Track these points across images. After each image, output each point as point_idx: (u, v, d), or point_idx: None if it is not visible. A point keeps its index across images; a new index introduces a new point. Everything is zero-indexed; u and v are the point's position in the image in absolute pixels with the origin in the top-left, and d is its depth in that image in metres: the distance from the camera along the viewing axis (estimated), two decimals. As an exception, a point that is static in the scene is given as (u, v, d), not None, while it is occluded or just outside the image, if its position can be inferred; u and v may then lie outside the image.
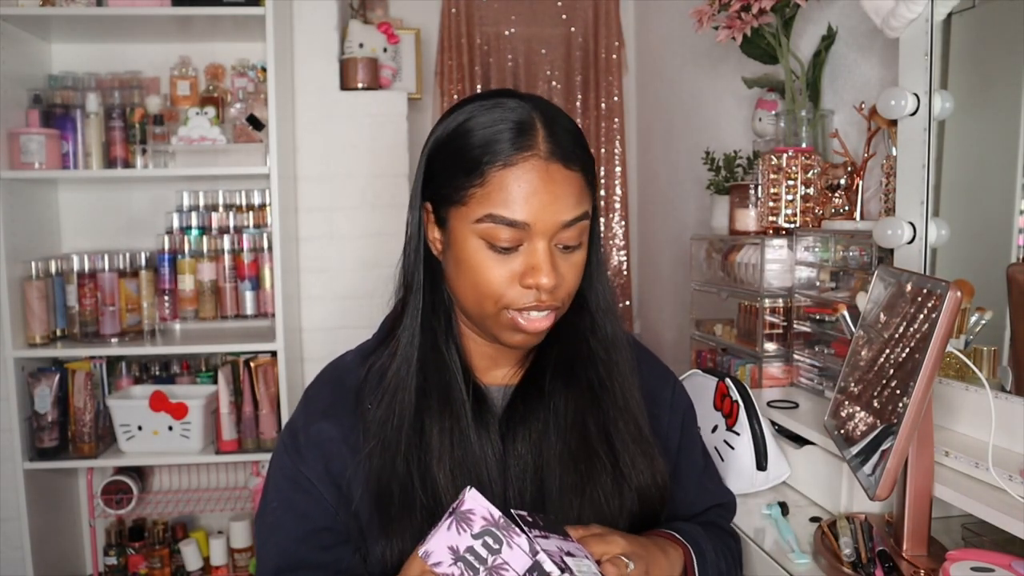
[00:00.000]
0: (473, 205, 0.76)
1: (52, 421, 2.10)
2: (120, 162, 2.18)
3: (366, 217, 2.43)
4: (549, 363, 0.86)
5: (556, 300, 0.79)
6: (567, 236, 0.77)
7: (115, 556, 2.34)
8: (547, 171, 0.75)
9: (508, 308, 0.78)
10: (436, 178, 0.80)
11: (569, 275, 0.79)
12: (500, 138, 0.75)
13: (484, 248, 0.76)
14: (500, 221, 0.74)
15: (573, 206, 0.76)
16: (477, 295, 0.78)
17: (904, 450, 0.82)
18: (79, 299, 2.16)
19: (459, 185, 0.76)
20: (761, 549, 1.03)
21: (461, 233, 0.77)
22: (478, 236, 0.76)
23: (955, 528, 1.03)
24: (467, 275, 0.78)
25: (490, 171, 0.75)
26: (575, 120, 1.00)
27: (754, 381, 1.57)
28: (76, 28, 2.20)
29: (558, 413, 0.84)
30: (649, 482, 0.86)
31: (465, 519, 0.66)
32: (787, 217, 1.54)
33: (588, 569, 0.69)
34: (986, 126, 1.15)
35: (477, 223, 0.75)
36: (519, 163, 0.74)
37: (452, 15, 2.89)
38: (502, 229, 0.75)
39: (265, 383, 2.18)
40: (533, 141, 0.75)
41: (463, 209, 0.77)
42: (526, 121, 0.76)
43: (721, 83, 2.19)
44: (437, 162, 0.80)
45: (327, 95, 2.39)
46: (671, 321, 2.68)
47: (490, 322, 0.80)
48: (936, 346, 0.79)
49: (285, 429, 0.88)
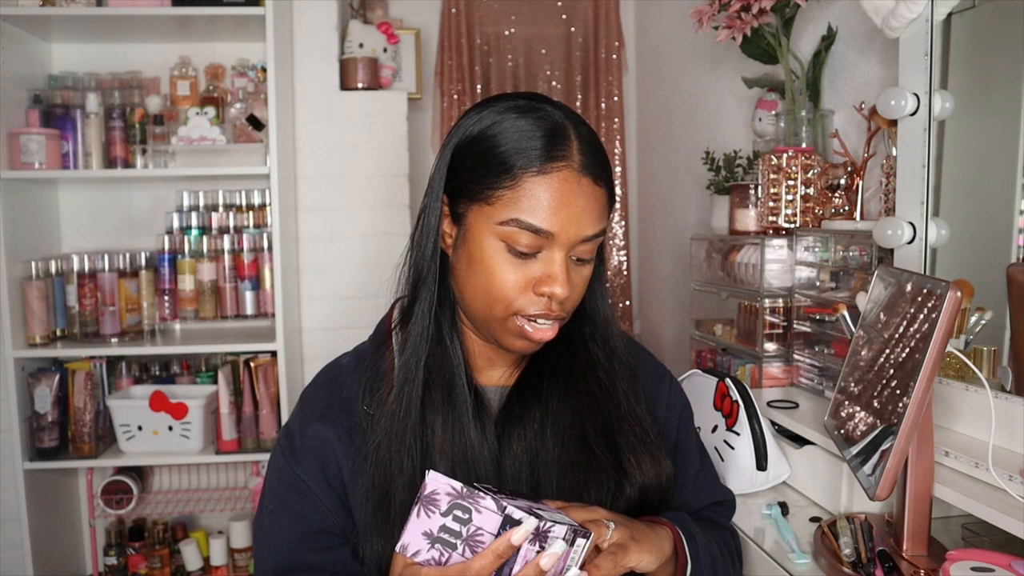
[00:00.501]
0: (500, 207, 0.75)
1: (52, 421, 2.10)
2: (120, 162, 2.18)
3: (366, 217, 2.43)
4: (547, 367, 0.87)
5: (564, 311, 0.79)
6: (584, 249, 0.78)
7: (115, 556, 2.34)
8: (579, 184, 0.75)
9: (517, 314, 0.78)
10: (461, 173, 0.79)
11: (579, 287, 0.80)
12: (535, 144, 0.75)
13: (503, 250, 0.76)
14: (526, 227, 0.74)
15: (596, 221, 0.77)
16: (488, 297, 0.78)
17: (904, 450, 0.82)
18: (79, 299, 2.16)
19: (488, 184, 0.76)
20: (761, 549, 1.03)
21: (480, 232, 0.77)
22: (499, 238, 0.76)
23: (955, 528, 1.03)
24: (480, 275, 0.78)
25: (523, 175, 0.74)
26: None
27: (754, 381, 1.57)
28: (76, 28, 2.20)
29: (555, 416, 0.84)
30: (654, 483, 0.86)
31: (431, 502, 0.66)
32: (787, 217, 1.54)
33: (562, 519, 0.69)
34: (986, 126, 1.15)
35: (501, 225, 0.75)
36: (553, 172, 0.74)
37: (452, 15, 2.89)
38: (525, 235, 0.75)
39: (265, 383, 2.18)
40: (568, 152, 0.76)
41: (488, 209, 0.76)
42: (561, 130, 0.76)
43: (721, 83, 2.19)
44: (466, 157, 0.79)
45: (327, 95, 2.39)
46: (671, 321, 2.68)
47: (496, 325, 0.80)
48: (936, 346, 0.79)
49: (282, 432, 0.88)
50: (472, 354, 0.87)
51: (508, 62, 2.97)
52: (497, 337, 0.81)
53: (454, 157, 0.80)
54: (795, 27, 1.61)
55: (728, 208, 1.74)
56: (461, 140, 0.80)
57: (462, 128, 0.80)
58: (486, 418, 0.83)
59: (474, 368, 0.87)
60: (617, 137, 2.99)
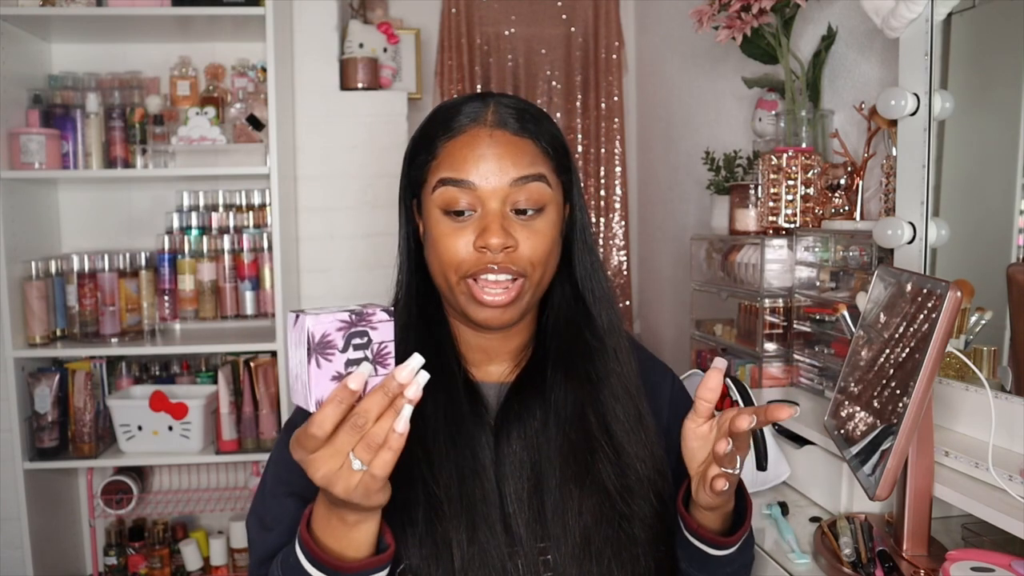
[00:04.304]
0: (430, 178, 0.81)
1: (52, 421, 2.10)
2: (120, 162, 2.18)
3: (366, 217, 2.43)
4: (548, 359, 0.86)
5: (513, 264, 0.79)
6: (520, 199, 0.79)
7: (115, 556, 2.34)
8: (491, 136, 0.79)
9: (466, 277, 0.80)
10: (410, 169, 0.86)
11: (529, 241, 0.79)
12: (450, 116, 0.81)
13: (443, 217, 0.80)
14: (449, 183, 0.79)
15: (519, 166, 0.79)
16: (441, 266, 0.81)
17: (904, 450, 0.82)
18: (79, 299, 2.16)
19: (420, 164, 0.83)
20: (761, 549, 1.03)
21: (427, 209, 0.82)
22: (436, 207, 0.80)
23: (955, 528, 1.03)
24: (433, 248, 0.81)
25: (440, 143, 0.81)
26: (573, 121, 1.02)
27: (754, 381, 1.57)
28: (76, 28, 2.20)
29: (558, 408, 0.84)
30: (649, 461, 0.85)
31: (325, 346, 0.62)
32: (787, 217, 1.54)
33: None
34: (986, 126, 1.15)
35: (434, 192, 0.80)
36: (465, 131, 0.80)
37: (452, 15, 2.89)
38: (450, 191, 0.79)
39: (265, 383, 2.18)
40: (481, 115, 0.81)
41: (426, 187, 0.82)
42: (479, 104, 0.82)
43: (721, 83, 2.19)
44: (409, 154, 0.86)
45: (327, 95, 2.39)
46: (671, 321, 2.68)
47: (455, 295, 0.81)
48: (936, 346, 0.79)
49: (285, 427, 0.88)
50: (466, 347, 0.87)
51: (508, 62, 2.97)
52: (463, 309, 0.82)
53: (405, 159, 0.87)
54: (795, 27, 1.61)
55: (728, 208, 1.74)
56: (408, 144, 0.87)
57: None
58: (484, 414, 0.83)
59: (471, 362, 0.87)
60: (617, 137, 2.99)
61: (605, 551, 0.79)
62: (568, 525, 0.79)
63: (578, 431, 0.83)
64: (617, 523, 0.80)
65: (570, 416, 0.84)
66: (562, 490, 0.80)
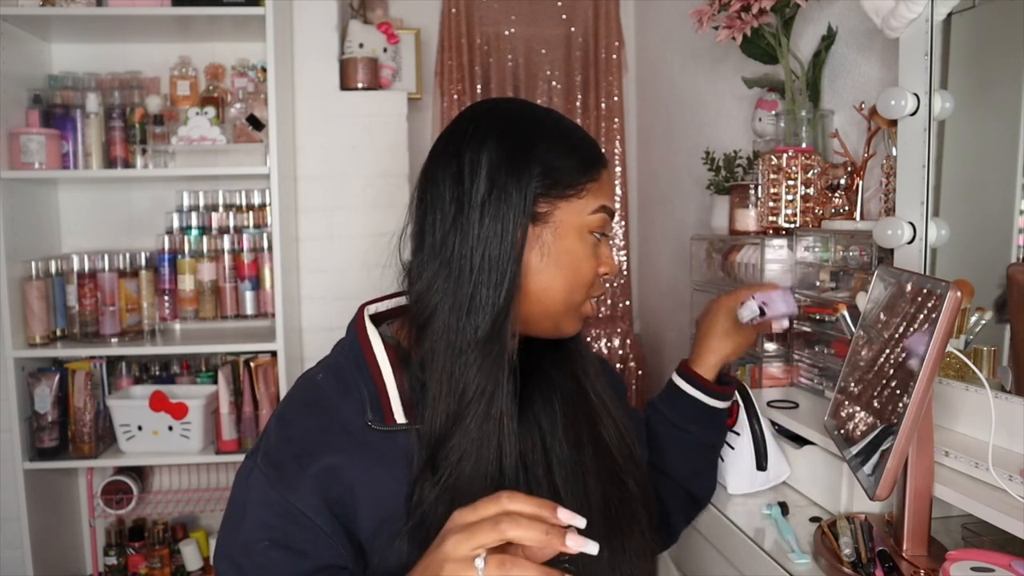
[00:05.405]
0: (589, 198, 0.82)
1: (52, 421, 2.10)
2: (120, 162, 2.18)
3: (366, 217, 2.43)
4: (539, 342, 0.89)
5: None
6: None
7: (115, 556, 2.34)
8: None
9: (590, 296, 0.85)
10: (550, 174, 0.80)
11: None
12: (592, 146, 0.85)
13: (588, 238, 0.83)
14: (606, 211, 0.84)
15: None
16: (573, 286, 0.82)
17: (904, 450, 0.82)
18: (79, 299, 2.16)
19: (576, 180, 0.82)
20: (761, 549, 1.03)
21: (565, 227, 0.81)
22: (590, 229, 0.83)
23: (955, 528, 1.03)
24: (568, 267, 0.82)
25: (597, 170, 0.84)
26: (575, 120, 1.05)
27: (754, 381, 1.57)
28: (76, 28, 2.20)
29: (557, 382, 0.89)
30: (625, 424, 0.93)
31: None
32: (787, 217, 1.54)
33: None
34: (986, 126, 1.15)
35: (592, 215, 0.83)
36: (608, 166, 0.87)
37: (452, 15, 2.89)
38: (606, 219, 0.84)
39: (265, 383, 2.18)
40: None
41: (579, 202, 0.82)
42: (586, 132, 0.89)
43: (721, 83, 2.19)
44: (551, 159, 0.80)
45: (327, 95, 2.39)
46: (671, 321, 2.68)
47: (569, 312, 0.84)
48: (936, 346, 0.79)
49: (263, 460, 0.79)
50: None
51: (508, 62, 2.97)
52: (562, 325, 0.85)
53: (530, 163, 0.79)
54: (795, 27, 1.61)
55: (728, 208, 1.74)
56: (532, 145, 0.80)
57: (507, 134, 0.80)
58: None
59: None
60: (617, 137, 2.99)
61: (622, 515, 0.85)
62: (589, 490, 0.84)
63: (580, 402, 0.89)
64: (621, 487, 0.87)
65: (568, 385, 0.89)
66: (573, 460, 0.85)
